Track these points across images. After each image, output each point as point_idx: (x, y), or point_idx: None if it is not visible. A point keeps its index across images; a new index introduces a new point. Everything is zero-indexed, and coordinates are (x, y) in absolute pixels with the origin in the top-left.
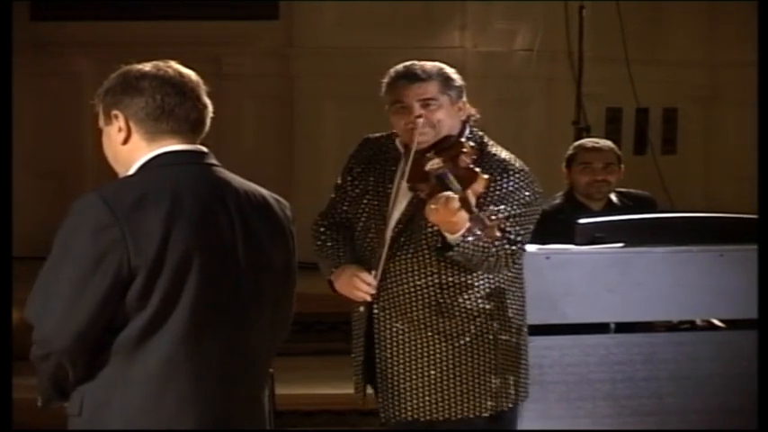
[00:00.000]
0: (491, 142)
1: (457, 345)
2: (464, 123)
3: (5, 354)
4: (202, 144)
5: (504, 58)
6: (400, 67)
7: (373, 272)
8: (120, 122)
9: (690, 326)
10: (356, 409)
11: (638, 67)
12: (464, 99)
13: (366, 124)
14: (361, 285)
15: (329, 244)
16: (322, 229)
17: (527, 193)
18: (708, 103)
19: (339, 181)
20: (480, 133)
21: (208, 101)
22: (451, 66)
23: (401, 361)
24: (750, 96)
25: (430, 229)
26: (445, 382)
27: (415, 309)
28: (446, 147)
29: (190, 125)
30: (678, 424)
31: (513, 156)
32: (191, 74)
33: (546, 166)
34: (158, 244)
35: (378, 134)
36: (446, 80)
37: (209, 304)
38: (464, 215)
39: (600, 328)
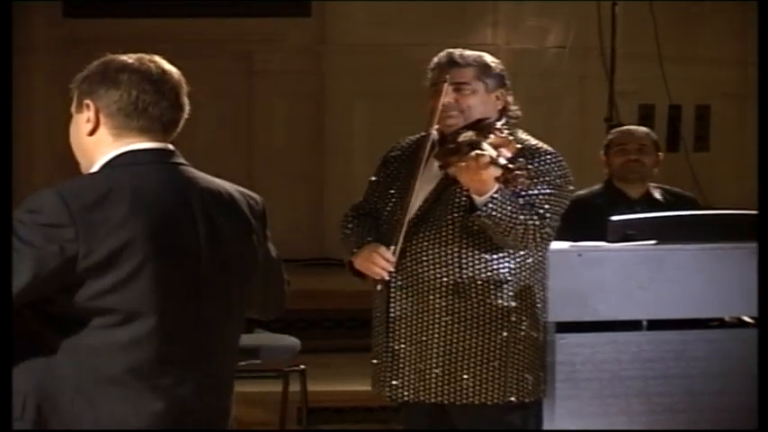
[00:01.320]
0: (524, 134)
1: (471, 330)
2: (501, 113)
3: (5, 354)
4: (237, 140)
5: (536, 56)
6: (443, 52)
7: (392, 248)
8: (90, 113)
9: (720, 323)
10: (386, 406)
11: (670, 64)
12: (503, 90)
13: (396, 120)
14: (378, 261)
15: (353, 229)
16: (349, 219)
17: (558, 173)
18: (741, 100)
19: (373, 177)
20: (513, 121)
21: (186, 101)
22: None
23: (413, 341)
24: None
25: (456, 214)
26: (455, 366)
27: (431, 287)
28: (479, 126)
29: (161, 125)
30: (710, 422)
31: (545, 145)
32: (173, 71)
33: (578, 162)
34: (116, 245)
35: (416, 135)
36: (483, 68)
37: (169, 304)
38: (492, 172)
39: (632, 326)
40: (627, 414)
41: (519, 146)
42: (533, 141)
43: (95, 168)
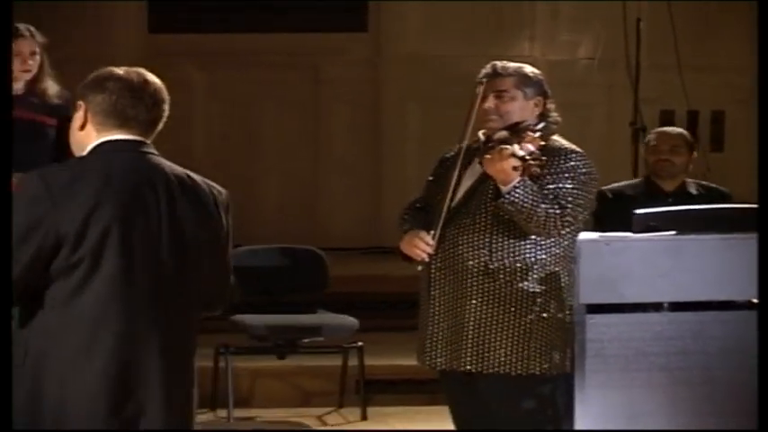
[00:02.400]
0: (558, 137)
1: (499, 309)
2: (540, 118)
3: (5, 354)
4: (304, 142)
5: (568, 67)
6: (489, 64)
7: (431, 232)
8: (81, 111)
9: (734, 306)
10: (434, 379)
11: (688, 73)
12: (541, 98)
13: (444, 124)
14: (419, 244)
15: (407, 220)
16: (405, 213)
17: (582, 170)
18: (752, 106)
19: (430, 177)
20: (554, 126)
21: (166, 108)
22: None
23: (449, 317)
24: None
25: (489, 205)
26: (484, 339)
27: (465, 270)
28: (514, 128)
29: (137, 123)
30: (726, 393)
31: (575, 146)
32: (156, 83)
33: (606, 163)
34: (85, 216)
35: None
36: (523, 77)
37: (130, 269)
38: (512, 163)
39: (654, 308)
40: (649, 386)
41: (543, 143)
42: (564, 143)
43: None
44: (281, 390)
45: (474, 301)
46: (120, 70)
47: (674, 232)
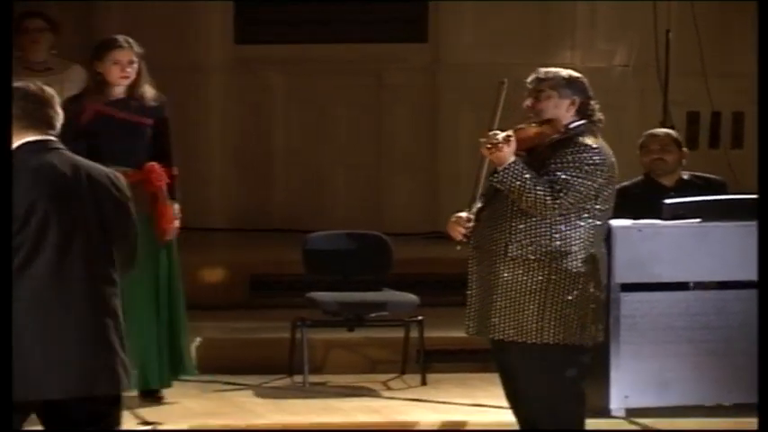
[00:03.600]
0: (592, 138)
1: (522, 284)
2: (578, 116)
3: (5, 354)
4: (369, 141)
5: (605, 73)
6: (536, 70)
7: (465, 214)
8: None
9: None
10: (487, 349)
11: (712, 78)
12: (577, 98)
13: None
14: (455, 225)
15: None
16: None
17: (588, 162)
18: None
19: None
20: (600, 125)
21: (60, 110)
22: None
23: (482, 291)
24: None
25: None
26: (512, 308)
27: (491, 248)
28: (543, 122)
29: (42, 124)
30: (745, 362)
31: (597, 142)
32: (50, 91)
33: (637, 159)
34: (25, 206)
35: None
36: (558, 80)
37: (65, 244)
38: (506, 149)
39: (681, 287)
40: (677, 356)
41: (557, 136)
42: (586, 140)
43: None
44: (350, 358)
45: (503, 278)
46: (20, 83)
47: (699, 220)
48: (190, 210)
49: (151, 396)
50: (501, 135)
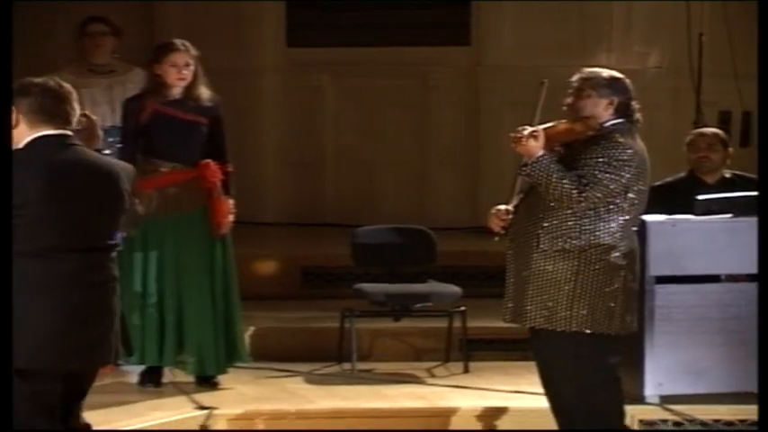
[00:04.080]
0: (626, 138)
1: (554, 274)
2: (616, 114)
3: (5, 353)
4: (415, 139)
5: (639, 74)
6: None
7: (504, 207)
8: (14, 114)
9: None
10: (524, 338)
11: (743, 80)
12: (615, 98)
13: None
14: (493, 218)
15: None
16: None
17: (617, 158)
18: None
19: None
20: (639, 125)
21: (77, 106)
22: None
23: (517, 281)
24: None
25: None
26: (543, 297)
27: (527, 241)
28: (578, 118)
29: (59, 119)
30: None
31: (629, 140)
32: (68, 87)
33: (672, 158)
34: (29, 195)
35: None
36: (597, 80)
37: (68, 230)
38: (532, 144)
39: (713, 279)
40: (709, 345)
41: (590, 132)
42: (619, 137)
43: (21, 146)
44: (396, 347)
45: (533, 268)
46: (38, 80)
47: (730, 215)
48: (244, 205)
49: (207, 382)
50: (527, 130)
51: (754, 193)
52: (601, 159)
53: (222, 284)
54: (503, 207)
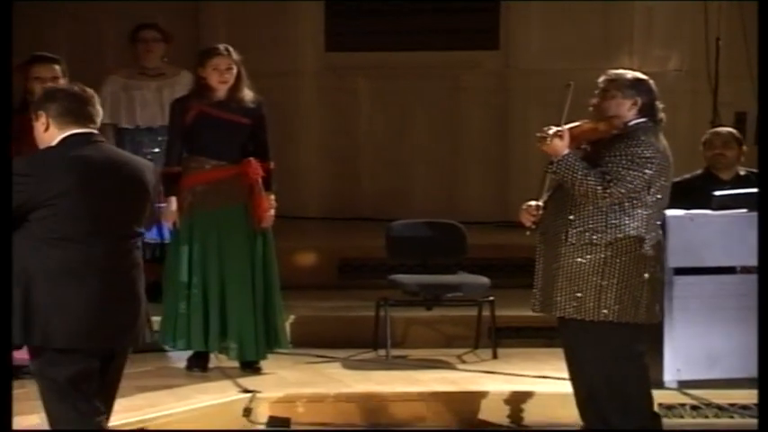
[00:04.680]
0: (650, 137)
1: (583, 266)
2: (640, 113)
3: (5, 354)
4: (446, 137)
5: (660, 77)
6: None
7: (535, 203)
8: (42, 119)
9: None
10: (550, 326)
11: (758, 82)
12: (639, 98)
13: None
14: (524, 213)
15: None
16: None
17: (640, 155)
18: None
19: None
20: (663, 124)
21: (99, 108)
22: None
23: (546, 273)
24: None
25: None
26: (571, 288)
27: (554, 235)
28: (603, 118)
29: (84, 119)
30: None
31: (651, 138)
32: (90, 91)
33: (691, 156)
34: (62, 189)
35: None
36: (622, 81)
37: (97, 218)
38: (558, 143)
39: (729, 270)
40: (725, 333)
41: (615, 131)
42: (641, 136)
43: (54, 143)
44: (428, 334)
45: (562, 260)
46: (64, 85)
47: (745, 210)
48: (286, 200)
49: (250, 367)
50: (553, 130)
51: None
52: (624, 157)
53: (262, 275)
54: (533, 203)
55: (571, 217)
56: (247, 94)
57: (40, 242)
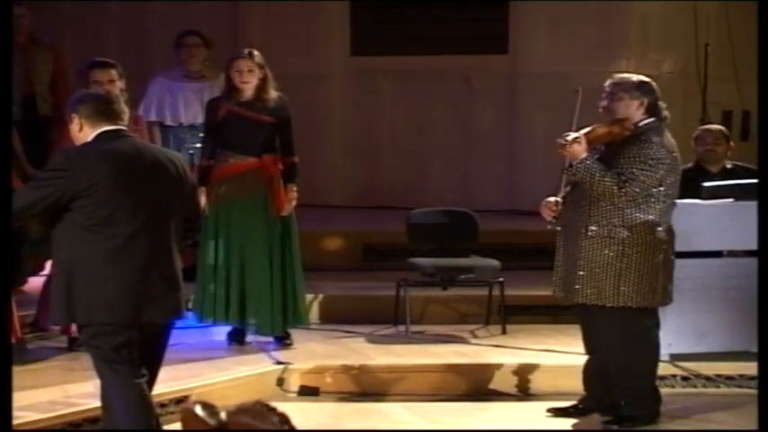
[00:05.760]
0: (658, 136)
1: (601, 256)
2: (647, 113)
3: (5, 353)
4: (459, 133)
5: (655, 79)
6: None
7: (554, 199)
8: (76, 120)
9: None
10: (557, 305)
11: (743, 83)
12: (645, 99)
13: (564, 123)
14: (544, 208)
15: None
16: None
17: (651, 156)
18: None
19: None
20: (668, 121)
21: (124, 106)
22: None
23: (567, 262)
24: None
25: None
26: (591, 277)
27: (574, 228)
28: (614, 120)
29: (113, 117)
30: None
31: (662, 138)
32: (115, 93)
33: (682, 151)
34: (98, 178)
35: None
36: (628, 84)
37: (131, 204)
38: (576, 148)
39: (716, 255)
40: (712, 311)
41: (626, 133)
42: (652, 136)
43: (89, 139)
44: (443, 312)
45: (582, 252)
46: (92, 90)
47: (731, 200)
48: (315, 190)
49: (282, 341)
50: (571, 136)
51: (753, 181)
52: (637, 158)
53: (280, 259)
54: (552, 199)
55: (590, 212)
56: (273, 95)
57: (80, 229)
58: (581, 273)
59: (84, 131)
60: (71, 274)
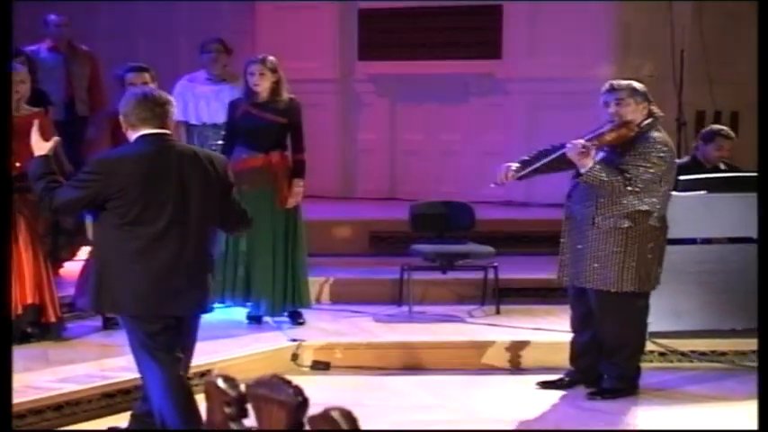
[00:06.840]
0: (658, 132)
1: (605, 244)
2: (648, 115)
3: (5, 353)
4: (459, 131)
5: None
6: (607, 83)
7: (516, 167)
8: (122, 121)
9: (745, 240)
10: (547, 287)
11: (715, 85)
12: (647, 103)
13: (552, 121)
14: (505, 169)
15: None
16: None
17: (654, 154)
18: (754, 107)
19: None
20: (662, 120)
21: (171, 110)
22: None
23: (570, 251)
24: None
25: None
26: (597, 264)
27: (581, 217)
28: (621, 124)
29: (157, 121)
30: (739, 299)
31: (662, 136)
32: (164, 96)
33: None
34: (127, 183)
35: None
36: (632, 90)
37: (163, 205)
38: (584, 158)
39: (691, 242)
40: (687, 293)
41: (632, 134)
42: (655, 134)
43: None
44: (443, 293)
45: (588, 241)
46: (139, 89)
47: (705, 192)
48: (328, 183)
49: (296, 320)
50: (579, 144)
51: (724, 174)
52: (641, 157)
53: (283, 247)
54: (514, 167)
55: (597, 205)
56: (285, 97)
57: (114, 227)
58: (588, 260)
59: (128, 133)
60: (104, 267)
